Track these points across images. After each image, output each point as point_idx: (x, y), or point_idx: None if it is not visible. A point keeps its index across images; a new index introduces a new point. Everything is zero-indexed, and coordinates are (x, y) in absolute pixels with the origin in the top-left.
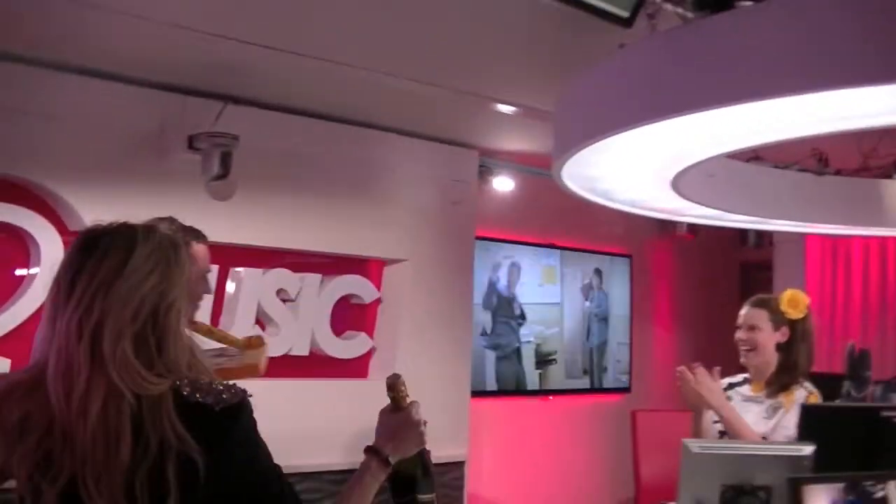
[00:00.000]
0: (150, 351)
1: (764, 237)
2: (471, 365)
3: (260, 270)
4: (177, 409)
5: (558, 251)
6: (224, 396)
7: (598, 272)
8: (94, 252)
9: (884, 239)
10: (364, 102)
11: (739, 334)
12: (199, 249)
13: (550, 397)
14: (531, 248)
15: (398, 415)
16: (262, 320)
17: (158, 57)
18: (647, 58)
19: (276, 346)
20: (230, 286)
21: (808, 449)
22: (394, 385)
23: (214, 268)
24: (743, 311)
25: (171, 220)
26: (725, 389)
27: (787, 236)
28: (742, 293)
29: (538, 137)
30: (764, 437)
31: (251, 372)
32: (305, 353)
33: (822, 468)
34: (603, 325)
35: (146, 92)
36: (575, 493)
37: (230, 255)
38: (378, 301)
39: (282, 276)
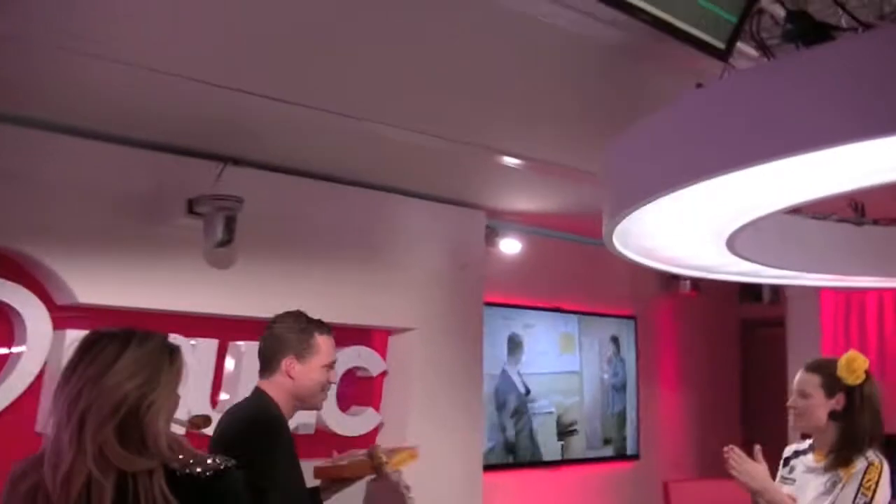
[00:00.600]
0: (135, 439)
1: (780, 293)
2: (484, 435)
3: None
4: (168, 482)
5: (575, 316)
6: (209, 464)
7: (614, 339)
8: (93, 349)
9: None
10: (367, 161)
11: (791, 400)
12: (323, 341)
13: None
14: (545, 313)
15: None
16: None
17: (153, 112)
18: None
19: None
20: (229, 362)
21: None
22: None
23: (214, 342)
24: (797, 376)
25: (298, 314)
26: (790, 458)
27: (802, 291)
28: (743, 351)
29: (544, 196)
30: None
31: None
32: (311, 431)
33: None
34: (622, 393)
35: (140, 153)
36: None
37: (229, 328)
38: (384, 373)
39: None
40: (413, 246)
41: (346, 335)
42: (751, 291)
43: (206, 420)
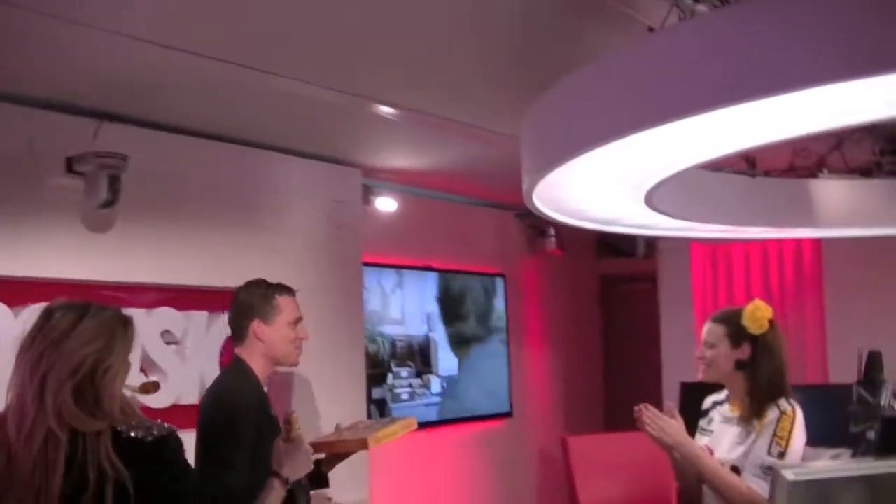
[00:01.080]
0: (89, 401)
1: (654, 247)
2: (365, 398)
3: (143, 311)
4: (114, 444)
5: (437, 274)
6: (154, 431)
7: (485, 297)
8: (52, 318)
9: (764, 243)
10: (248, 115)
11: (699, 351)
12: (284, 301)
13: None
14: (414, 272)
15: (289, 444)
16: (146, 367)
17: (23, 63)
18: (639, 60)
19: (163, 396)
20: None
21: None
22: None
23: None
24: (704, 327)
25: (259, 281)
26: (708, 409)
27: (673, 244)
28: (602, 307)
29: (421, 153)
30: (735, 468)
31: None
32: (194, 400)
33: None
34: (486, 350)
35: (11, 108)
36: None
37: (108, 295)
38: None
39: (166, 316)
40: (292, 206)
41: (227, 299)
42: (610, 246)
43: (156, 385)
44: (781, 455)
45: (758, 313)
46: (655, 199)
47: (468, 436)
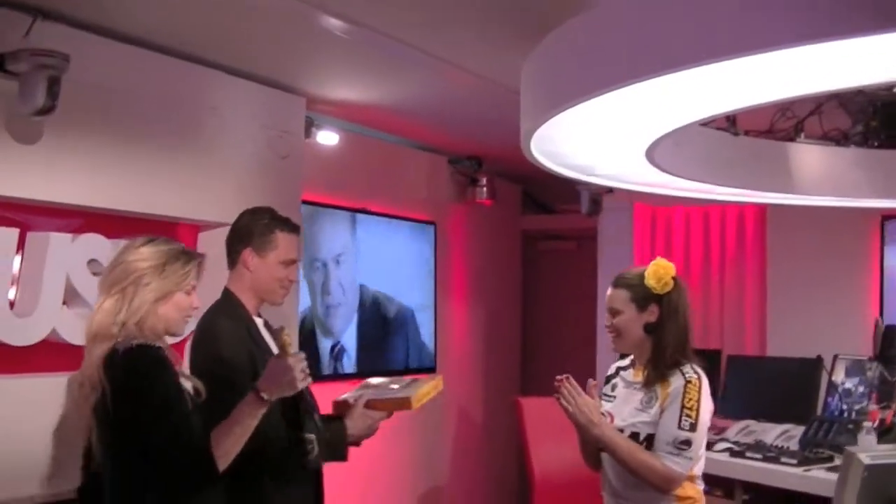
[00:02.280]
0: (120, 308)
1: (599, 204)
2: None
3: (69, 236)
4: (105, 357)
5: (376, 218)
6: (133, 346)
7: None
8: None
9: (706, 207)
10: (190, 23)
11: (605, 320)
12: (284, 237)
13: None
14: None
15: (279, 360)
16: (68, 298)
17: None
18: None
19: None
20: (31, 255)
21: None
22: (278, 334)
23: (14, 232)
24: (607, 294)
25: (266, 208)
26: (612, 376)
27: (618, 203)
28: (525, 264)
29: (369, 83)
30: (635, 434)
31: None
32: None
33: None
34: (413, 302)
35: None
36: (396, 484)
37: (31, 216)
38: None
39: (94, 244)
40: (234, 131)
41: (155, 228)
42: (535, 202)
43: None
44: (693, 427)
45: (661, 271)
46: (657, 155)
47: None
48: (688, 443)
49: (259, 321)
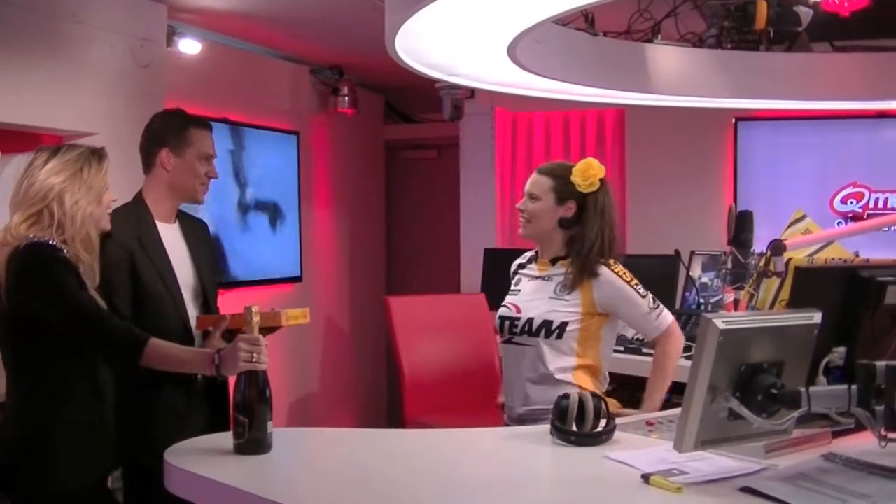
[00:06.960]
0: (46, 225)
1: (461, 110)
2: None
3: None
4: (7, 257)
5: (240, 128)
6: (33, 241)
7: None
8: (35, 156)
9: (567, 112)
10: None
11: (520, 202)
12: (199, 133)
13: None
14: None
15: (237, 340)
16: None
17: None
18: None
19: None
20: None
21: (817, 316)
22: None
23: None
24: (530, 178)
25: (177, 110)
26: (515, 272)
27: (479, 108)
28: (388, 172)
29: None
30: (547, 322)
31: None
32: None
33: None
34: (277, 210)
35: None
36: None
37: None
38: None
39: None
40: (92, 40)
41: (16, 139)
42: (397, 112)
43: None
44: (645, 290)
45: (590, 171)
46: (518, 52)
47: (257, 300)
48: (654, 299)
49: (173, 225)
